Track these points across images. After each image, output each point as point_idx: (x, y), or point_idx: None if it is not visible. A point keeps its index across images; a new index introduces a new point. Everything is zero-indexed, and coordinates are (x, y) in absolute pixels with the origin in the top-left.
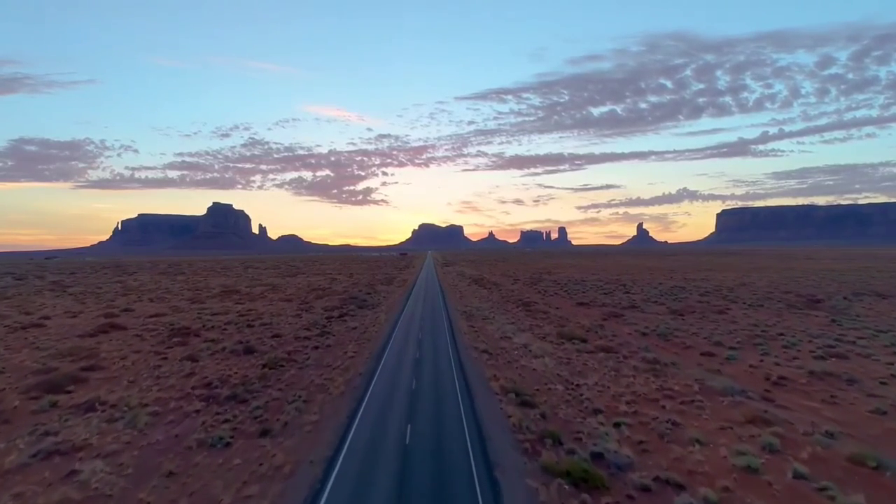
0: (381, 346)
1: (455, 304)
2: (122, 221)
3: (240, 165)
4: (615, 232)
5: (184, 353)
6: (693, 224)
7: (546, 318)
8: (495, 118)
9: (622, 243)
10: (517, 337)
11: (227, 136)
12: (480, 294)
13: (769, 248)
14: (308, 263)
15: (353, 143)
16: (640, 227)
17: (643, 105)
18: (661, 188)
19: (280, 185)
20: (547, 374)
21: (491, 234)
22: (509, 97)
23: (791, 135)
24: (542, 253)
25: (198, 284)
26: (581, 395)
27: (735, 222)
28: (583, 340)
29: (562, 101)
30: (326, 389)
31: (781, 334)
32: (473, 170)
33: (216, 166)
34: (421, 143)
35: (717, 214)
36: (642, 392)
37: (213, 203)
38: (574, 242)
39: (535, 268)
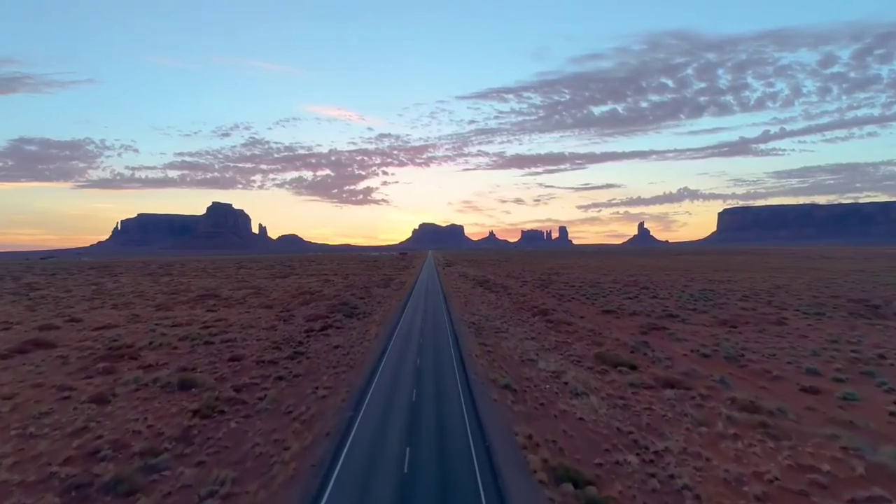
0: (365, 378)
1: (460, 313)
2: (122, 221)
3: (240, 165)
4: (616, 231)
5: (97, 389)
6: (694, 223)
7: (572, 332)
8: (496, 117)
9: (623, 243)
10: (543, 360)
11: (227, 135)
12: (488, 299)
13: (775, 247)
14: (304, 264)
15: (354, 143)
16: (640, 226)
17: (644, 104)
18: (661, 187)
19: (280, 185)
20: (602, 429)
21: (491, 233)
22: (510, 96)
23: (792, 134)
24: (544, 252)
25: (178, 287)
26: (671, 476)
27: (737, 222)
28: (632, 367)
29: (563, 100)
30: (269, 468)
31: (882, 356)
32: (474, 169)
33: (216, 166)
34: (421, 143)
35: (719, 214)
36: (769, 471)
37: (213, 203)
38: (575, 242)
39: (541, 268)
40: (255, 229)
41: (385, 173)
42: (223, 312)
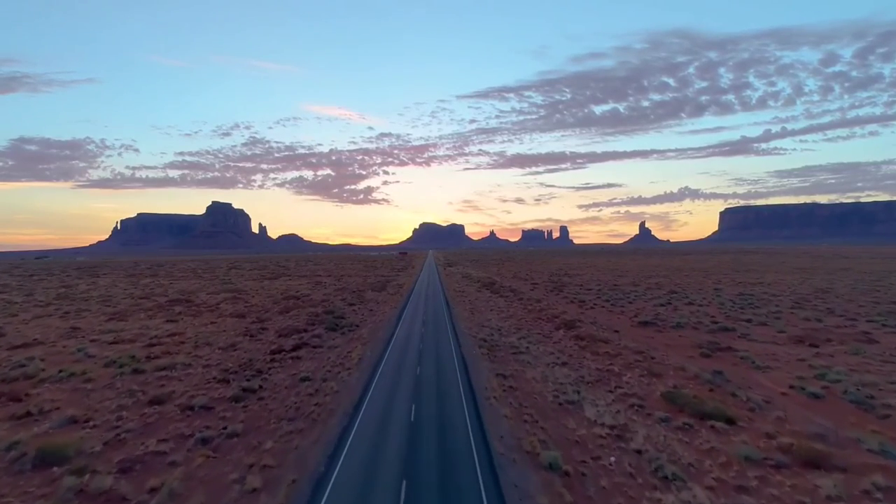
0: (329, 448)
1: (467, 324)
2: (122, 221)
3: (241, 164)
4: (616, 231)
5: None
6: (694, 223)
7: (614, 355)
8: (497, 116)
9: (624, 242)
10: (590, 403)
11: (227, 135)
12: (496, 305)
13: (782, 246)
14: (301, 264)
15: (355, 142)
16: (642, 225)
17: (645, 103)
18: (662, 187)
19: (281, 185)
20: None
21: (492, 233)
22: (511, 95)
23: (794, 133)
24: (546, 252)
25: (153, 291)
26: None
27: (738, 221)
28: (728, 420)
29: (564, 99)
30: None
31: None
32: (475, 168)
33: (217, 165)
34: (422, 142)
35: (721, 213)
36: None
37: (212, 202)
38: (575, 241)
39: (547, 268)
40: (255, 229)
41: (386, 173)
42: (185, 323)
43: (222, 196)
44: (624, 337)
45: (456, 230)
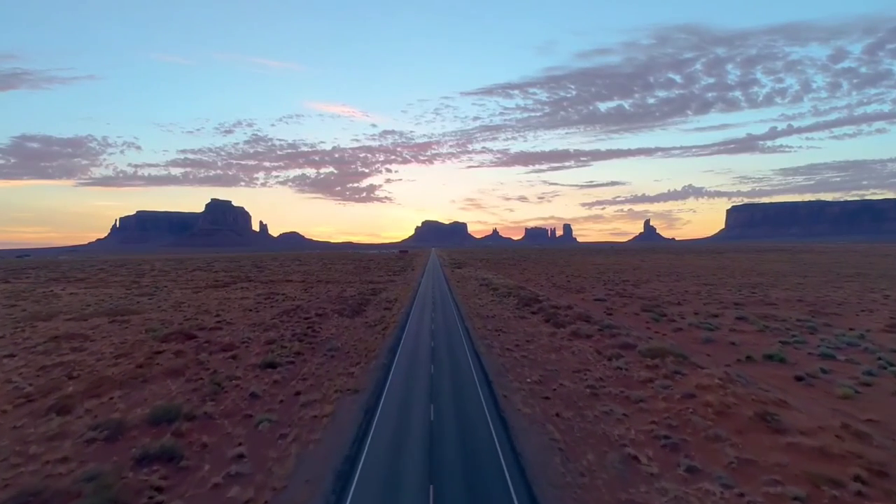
0: None
1: None
2: (121, 219)
3: (243, 162)
4: (619, 229)
5: None
6: (698, 221)
7: None
8: (501, 114)
9: (628, 240)
10: None
11: (230, 132)
12: (587, 366)
13: (804, 244)
14: (284, 264)
15: (357, 140)
16: (647, 223)
17: (651, 100)
18: (666, 185)
19: (283, 183)
20: None
21: (495, 231)
22: (515, 92)
23: (800, 130)
24: (556, 251)
25: (11, 312)
26: None
27: (746, 218)
28: None
29: (569, 96)
30: None
31: None
32: (478, 166)
33: (219, 163)
34: (425, 140)
35: (728, 210)
36: None
37: (212, 199)
38: (579, 240)
39: (580, 271)
40: (256, 227)
41: (388, 171)
42: None
43: (225, 194)
44: None
45: (459, 228)
